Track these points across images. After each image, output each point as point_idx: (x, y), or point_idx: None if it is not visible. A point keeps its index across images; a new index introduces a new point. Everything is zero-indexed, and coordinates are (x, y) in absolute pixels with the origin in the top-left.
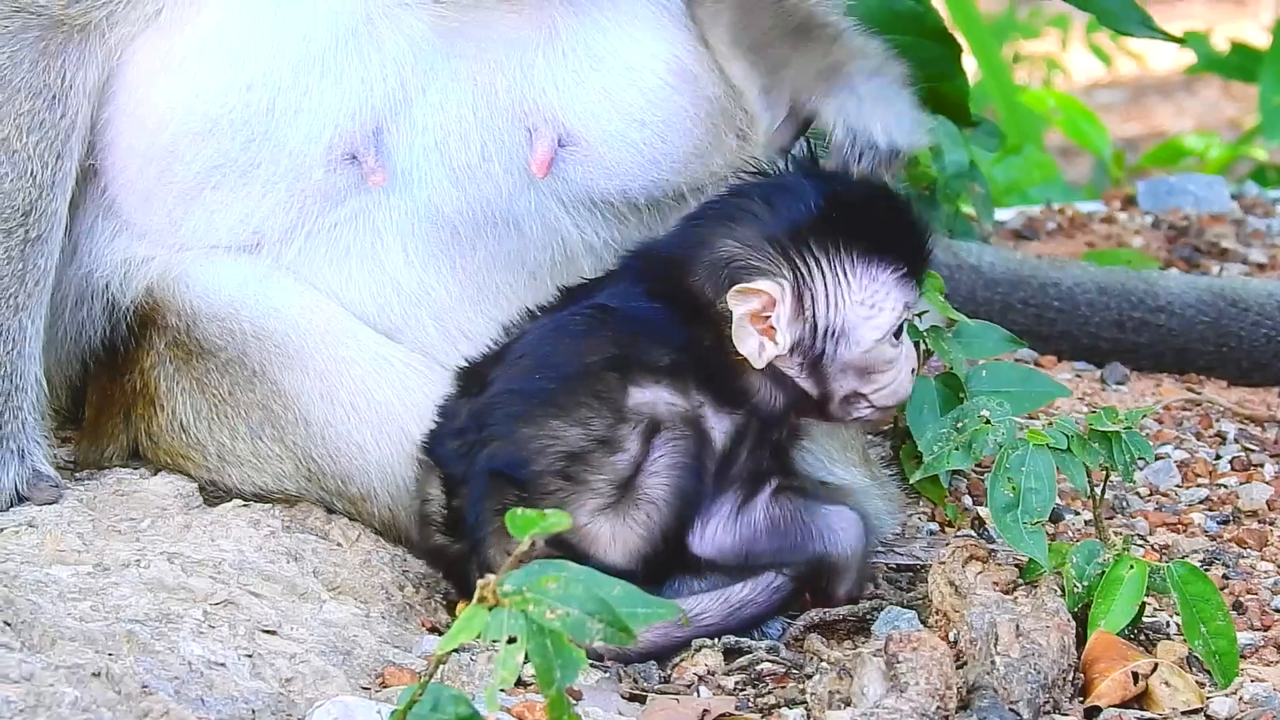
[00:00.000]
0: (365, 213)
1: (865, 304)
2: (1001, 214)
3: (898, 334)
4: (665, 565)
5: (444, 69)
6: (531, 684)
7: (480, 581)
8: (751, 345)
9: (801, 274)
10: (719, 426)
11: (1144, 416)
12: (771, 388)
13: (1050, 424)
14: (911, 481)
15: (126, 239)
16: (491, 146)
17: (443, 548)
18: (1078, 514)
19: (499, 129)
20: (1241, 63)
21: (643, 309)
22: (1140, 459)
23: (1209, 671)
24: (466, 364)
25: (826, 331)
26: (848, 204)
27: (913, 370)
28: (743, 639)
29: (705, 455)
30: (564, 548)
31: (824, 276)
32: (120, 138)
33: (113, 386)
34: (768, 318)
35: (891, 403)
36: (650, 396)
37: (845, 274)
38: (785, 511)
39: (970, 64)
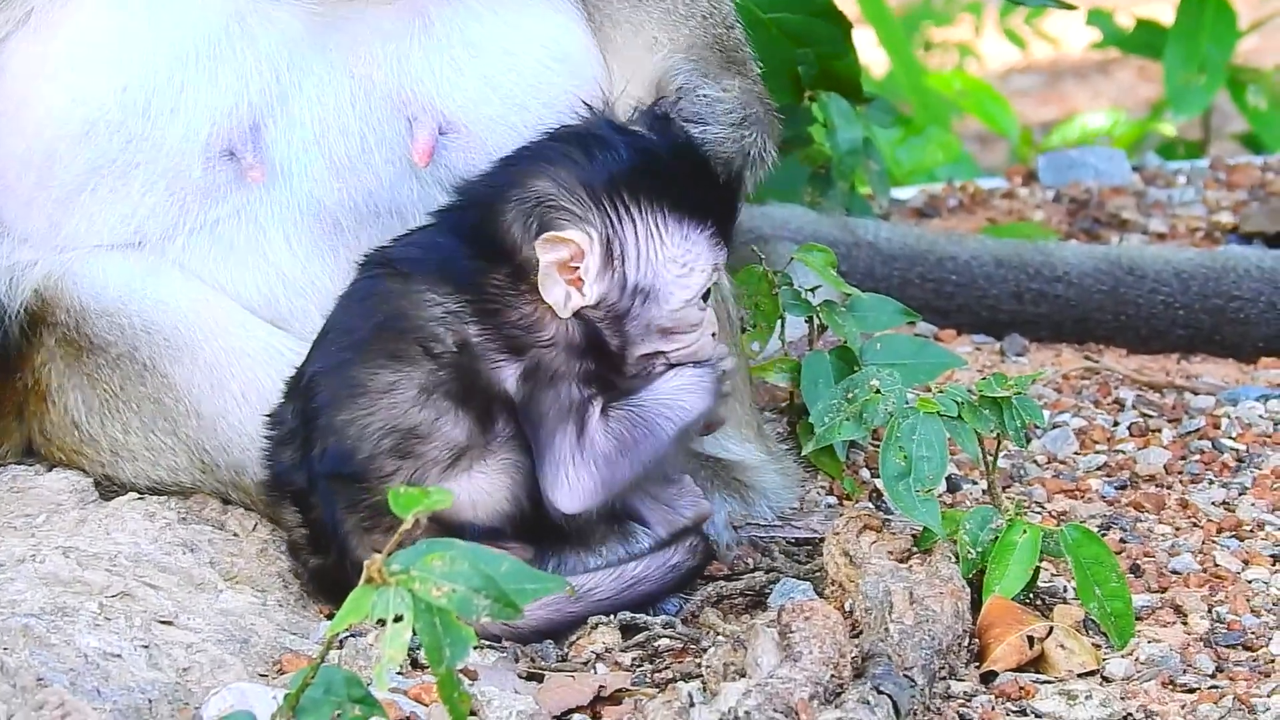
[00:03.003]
0: (247, 208)
1: (678, 263)
2: (903, 192)
3: (705, 296)
4: (547, 529)
5: (319, 62)
6: (428, 666)
7: (367, 561)
8: (558, 294)
9: (614, 226)
10: (508, 372)
11: (1034, 381)
12: (567, 336)
13: (942, 392)
14: (805, 453)
15: (10, 244)
16: (371, 138)
17: (321, 569)
18: (975, 484)
19: (378, 120)
20: (1147, 39)
21: (429, 254)
22: (1035, 425)
23: (1105, 634)
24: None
25: (636, 289)
26: (664, 162)
27: (713, 334)
28: (639, 615)
29: (493, 403)
30: (437, 522)
31: (637, 232)
32: None
33: (5, 385)
34: (576, 268)
35: (690, 359)
36: (444, 357)
37: (660, 231)
38: (622, 421)
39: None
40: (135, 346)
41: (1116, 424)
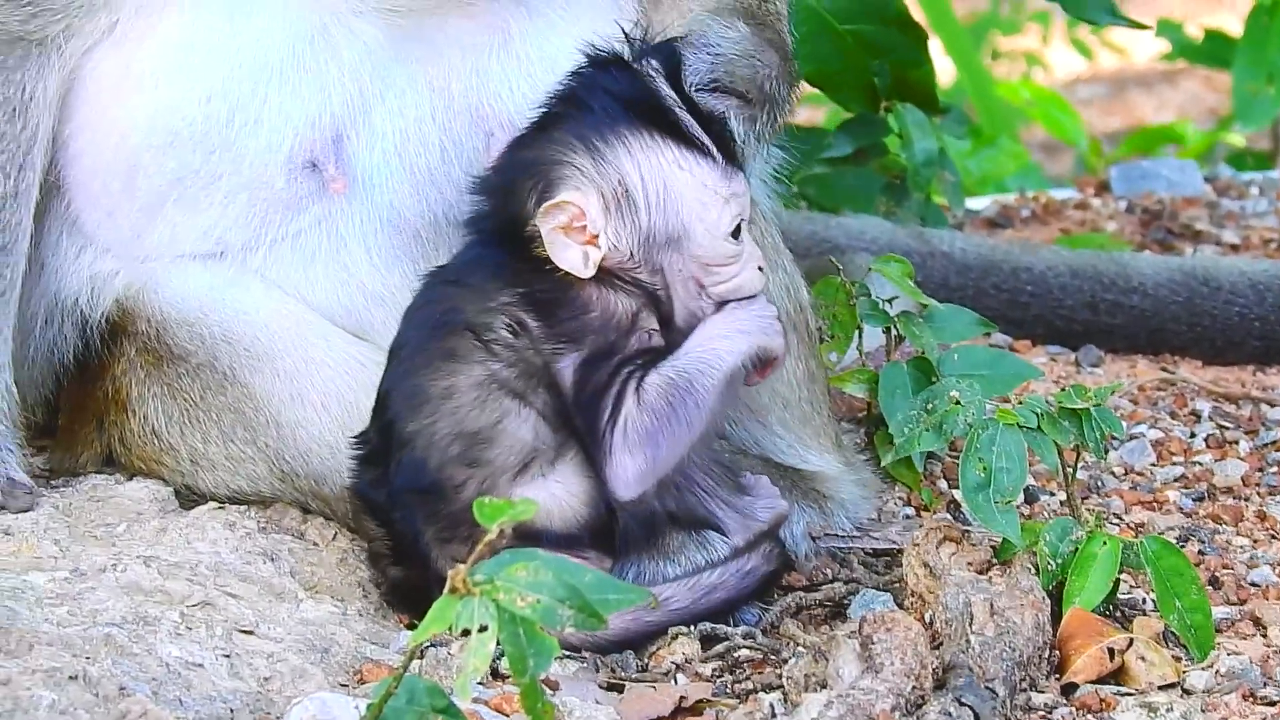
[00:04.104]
0: (328, 219)
1: (691, 195)
2: (976, 203)
3: (736, 232)
4: (625, 537)
5: (400, 74)
6: (509, 675)
7: (451, 571)
8: (574, 257)
9: (616, 174)
10: (566, 363)
11: (1113, 393)
12: (612, 308)
13: (1021, 404)
14: (884, 464)
15: (92, 254)
16: (451, 150)
17: (401, 579)
18: (1052, 495)
19: (458, 132)
20: (1216, 50)
21: (475, 259)
22: (1113, 436)
23: (1185, 646)
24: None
25: (656, 232)
26: (658, 97)
27: (760, 268)
28: (719, 626)
29: (557, 401)
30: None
31: (642, 174)
32: (83, 153)
33: (85, 394)
34: (584, 227)
35: (734, 296)
36: (498, 349)
37: (664, 167)
38: (656, 390)
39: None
40: (215, 356)
41: (1193, 435)
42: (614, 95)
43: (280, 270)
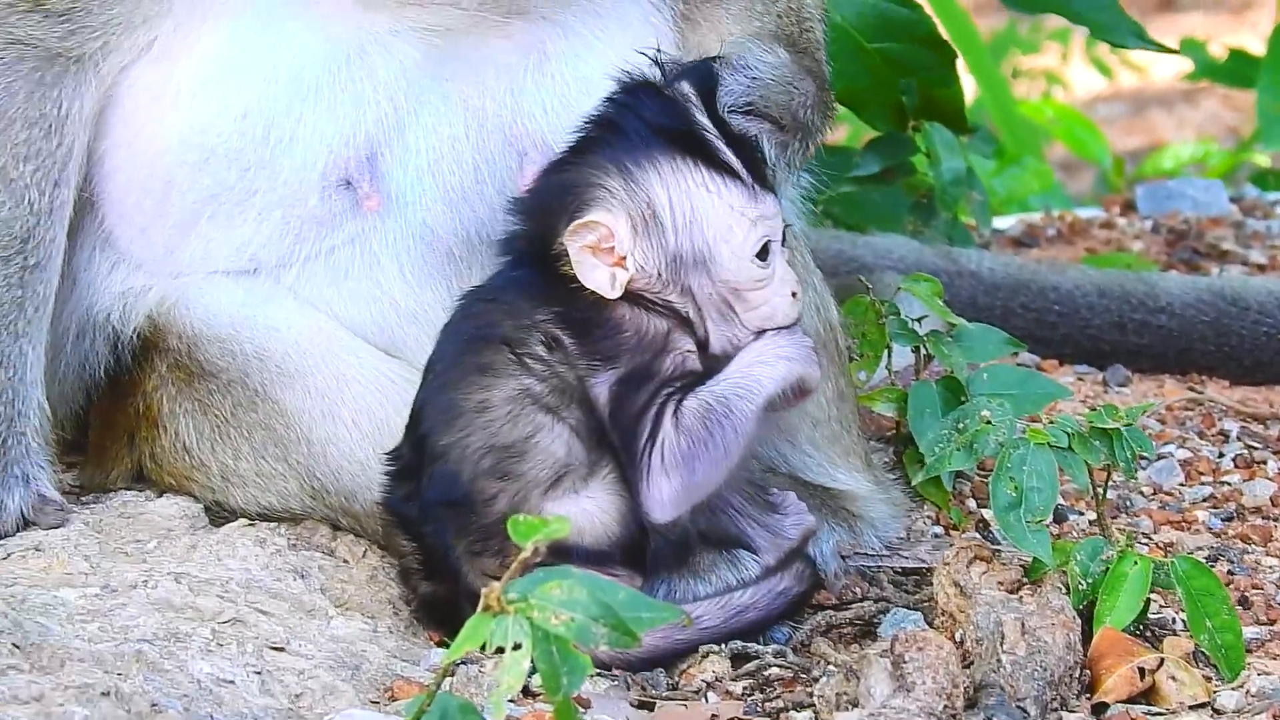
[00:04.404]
0: (361, 237)
1: (717, 218)
2: (1001, 222)
3: (764, 255)
4: (656, 555)
5: (435, 93)
6: (540, 693)
7: (485, 589)
8: (601, 278)
9: (644, 195)
10: (601, 381)
11: (1144, 413)
12: (645, 329)
13: (1051, 423)
14: (914, 484)
15: (124, 270)
16: (485, 169)
17: (431, 596)
18: (1081, 514)
19: (491, 151)
20: (1239, 69)
21: (510, 278)
22: (1142, 456)
23: (1215, 666)
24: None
25: (683, 254)
26: (687, 120)
27: (793, 294)
28: (750, 644)
29: (591, 418)
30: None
31: (670, 195)
32: (118, 169)
33: (116, 410)
34: (612, 248)
35: (765, 325)
36: (532, 364)
37: (691, 189)
38: (694, 415)
39: (971, 80)
40: (246, 373)
41: (1221, 455)
42: (646, 120)
43: (313, 287)
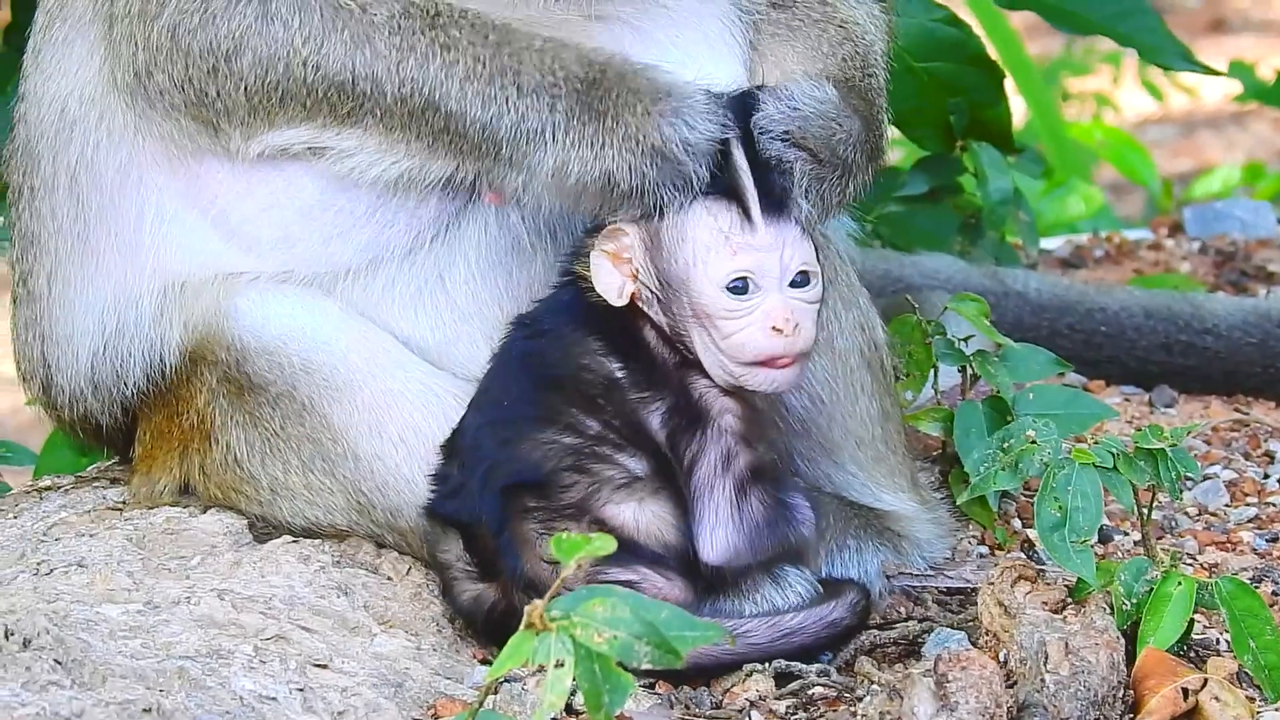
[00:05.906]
0: (450, 230)
1: (694, 246)
2: (1049, 243)
3: (741, 290)
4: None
5: None
6: (582, 711)
7: (528, 607)
8: (611, 282)
9: (653, 218)
10: (654, 409)
11: (1189, 434)
12: (658, 342)
13: (1096, 443)
14: (959, 503)
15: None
16: None
17: (476, 600)
18: (1126, 534)
19: None
20: None
21: (560, 307)
22: (1187, 477)
23: (1259, 686)
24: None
25: (666, 276)
26: None
27: (774, 328)
28: (793, 663)
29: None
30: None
31: (666, 223)
32: None
33: (168, 424)
34: (630, 259)
35: (740, 357)
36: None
37: (689, 214)
38: (769, 498)
39: (1020, 102)
40: (295, 386)
41: (1267, 476)
42: None
43: (368, 291)
